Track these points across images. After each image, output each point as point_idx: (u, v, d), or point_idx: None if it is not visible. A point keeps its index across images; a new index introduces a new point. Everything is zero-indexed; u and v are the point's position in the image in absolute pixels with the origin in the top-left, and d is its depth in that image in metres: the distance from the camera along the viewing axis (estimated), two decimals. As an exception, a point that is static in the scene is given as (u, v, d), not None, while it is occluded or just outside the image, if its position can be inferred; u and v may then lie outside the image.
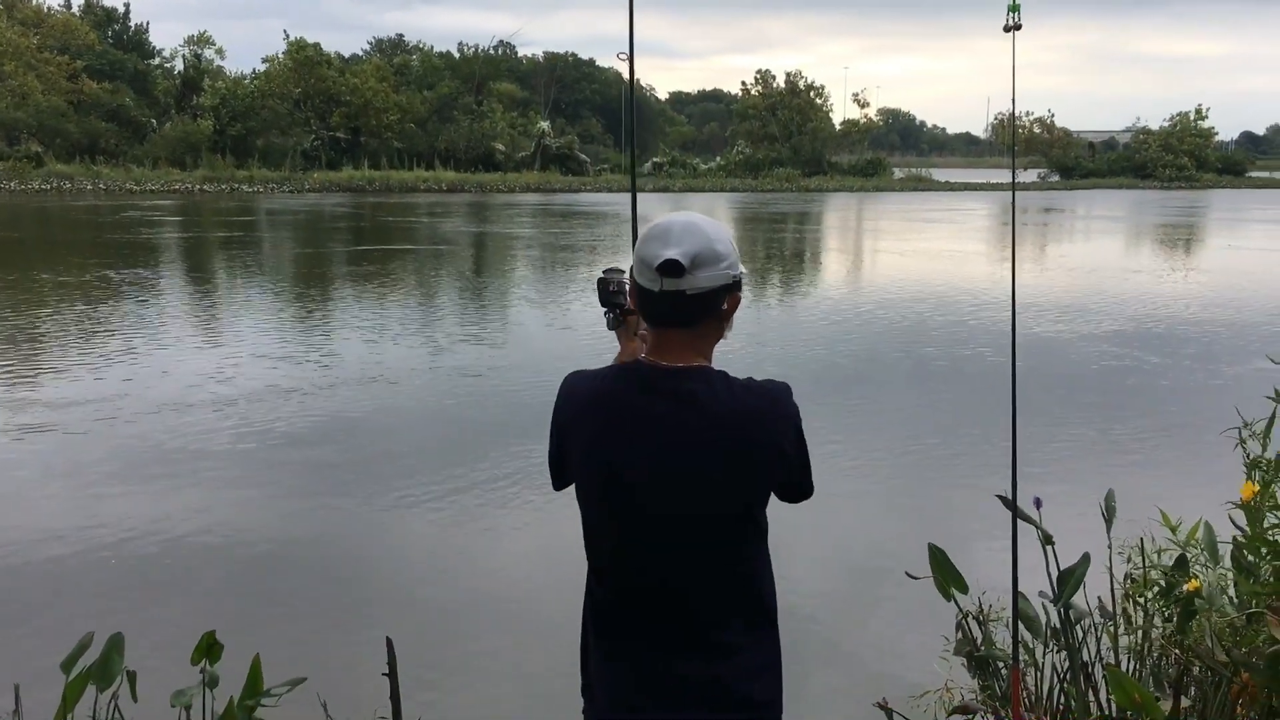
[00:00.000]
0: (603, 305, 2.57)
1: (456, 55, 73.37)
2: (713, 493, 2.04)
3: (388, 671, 3.00)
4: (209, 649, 2.86)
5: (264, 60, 63.64)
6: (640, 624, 2.10)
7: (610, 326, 2.59)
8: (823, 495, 6.88)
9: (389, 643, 3.00)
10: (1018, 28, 2.65)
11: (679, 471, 2.02)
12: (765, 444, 2.07)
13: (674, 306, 2.02)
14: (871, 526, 7.15)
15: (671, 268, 1.96)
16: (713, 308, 2.04)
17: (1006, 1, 2.69)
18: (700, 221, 2.04)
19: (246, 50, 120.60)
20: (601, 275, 2.58)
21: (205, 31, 63.28)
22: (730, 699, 2.07)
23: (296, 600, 5.86)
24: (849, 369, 12.09)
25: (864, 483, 7.95)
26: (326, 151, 58.38)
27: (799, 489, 2.20)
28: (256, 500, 7.41)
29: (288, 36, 63.81)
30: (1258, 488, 2.68)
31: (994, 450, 8.28)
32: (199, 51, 62.49)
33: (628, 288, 2.29)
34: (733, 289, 2.06)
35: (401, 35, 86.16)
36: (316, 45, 61.83)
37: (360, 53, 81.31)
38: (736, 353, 12.19)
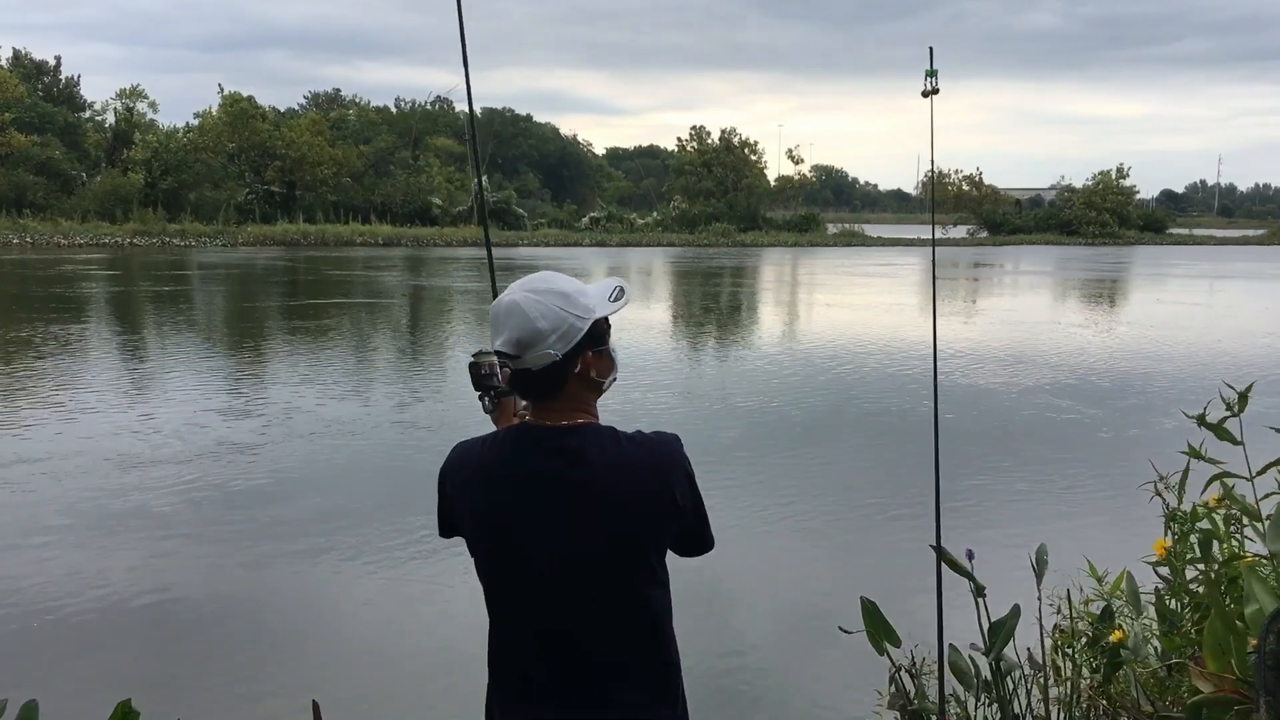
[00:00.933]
0: (476, 390, 2.58)
1: (394, 110, 73.47)
2: (606, 547, 2.04)
3: (316, 736, 2.93)
4: (124, 717, 2.78)
5: (196, 115, 63.20)
6: (538, 678, 2.09)
7: (486, 410, 2.60)
8: (759, 548, 6.92)
9: (315, 706, 2.94)
10: (935, 92, 2.74)
11: (570, 529, 2.03)
12: (656, 495, 2.07)
13: (528, 383, 2.07)
14: (808, 580, 7.17)
15: (503, 359, 2.03)
16: (565, 376, 2.06)
17: (917, 69, 2.79)
18: (521, 301, 2.03)
19: (181, 104, 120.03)
20: (472, 359, 2.59)
21: (138, 85, 62.48)
22: None
23: (223, 662, 5.73)
24: (791, 421, 12.16)
25: (800, 535, 7.99)
26: (261, 205, 57.90)
27: (698, 540, 2.19)
28: (183, 560, 7.24)
29: (222, 90, 63.45)
30: (1168, 544, 2.75)
31: (932, 502, 8.36)
32: (131, 105, 61.78)
33: (500, 368, 2.32)
34: (578, 351, 2.05)
35: (338, 90, 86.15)
36: (251, 99, 61.54)
37: (297, 107, 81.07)
38: (670, 407, 12.23)
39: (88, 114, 66.96)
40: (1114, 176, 77.18)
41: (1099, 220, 74.15)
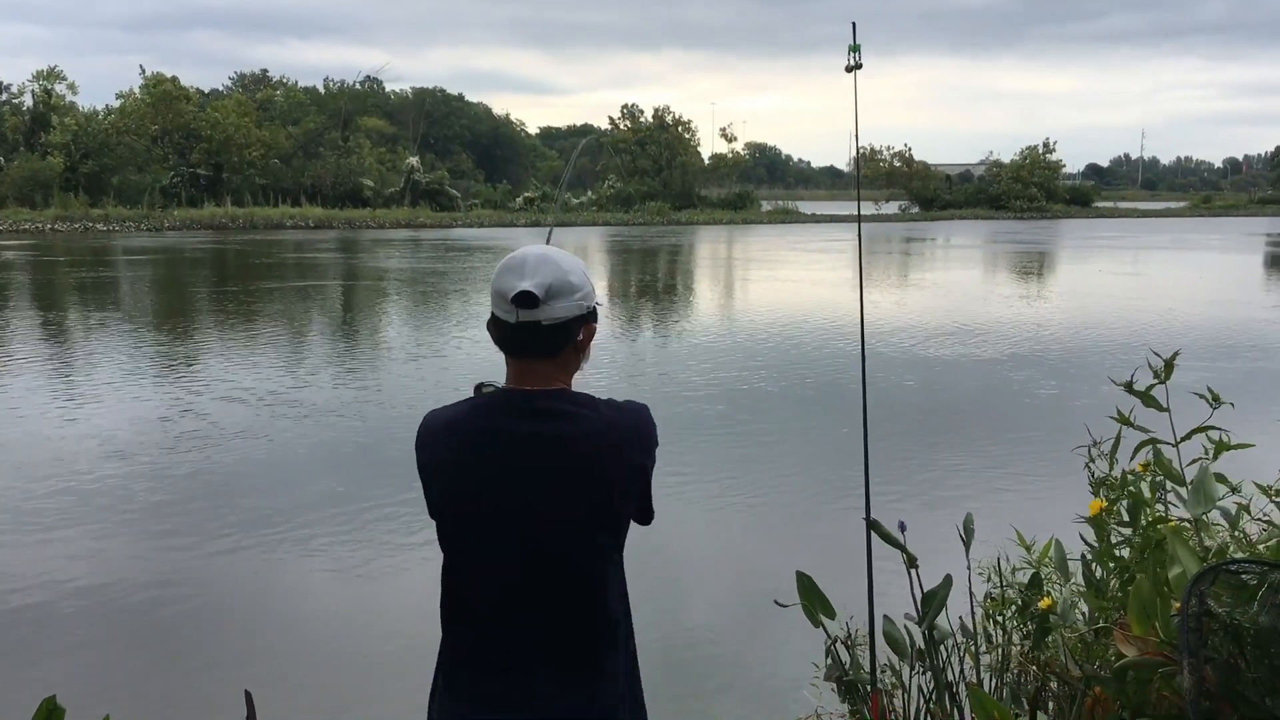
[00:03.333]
0: None
1: (322, 90, 72.25)
2: (583, 511, 2.04)
3: (247, 727, 2.87)
4: (49, 714, 2.70)
5: (118, 96, 61.66)
6: (506, 645, 2.06)
7: None
8: (707, 524, 6.93)
9: (248, 696, 2.88)
10: (858, 67, 2.74)
11: (548, 492, 2.01)
12: (632, 460, 2.08)
13: (530, 338, 2.03)
14: (756, 555, 7.22)
15: (526, 299, 1.98)
16: (569, 337, 2.06)
17: (857, 43, 2.77)
18: (554, 254, 2.06)
19: (104, 86, 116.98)
20: (478, 385, 2.58)
21: (56, 66, 60.72)
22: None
23: (151, 656, 5.62)
24: (737, 398, 12.21)
25: (743, 511, 8.03)
26: (187, 188, 56.72)
27: (647, 509, 2.18)
28: (107, 555, 7.09)
29: (144, 72, 61.92)
30: (1104, 504, 2.78)
31: (875, 475, 8.44)
32: (48, 87, 60.04)
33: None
34: (588, 319, 2.09)
35: (265, 70, 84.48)
36: (174, 80, 60.19)
37: (222, 88, 79.38)
38: (612, 385, 12.20)
39: (4, 97, 65.02)
40: (1041, 151, 78.45)
41: (1027, 195, 75.37)
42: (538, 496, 2.01)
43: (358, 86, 73.31)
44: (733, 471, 9.13)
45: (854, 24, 2.65)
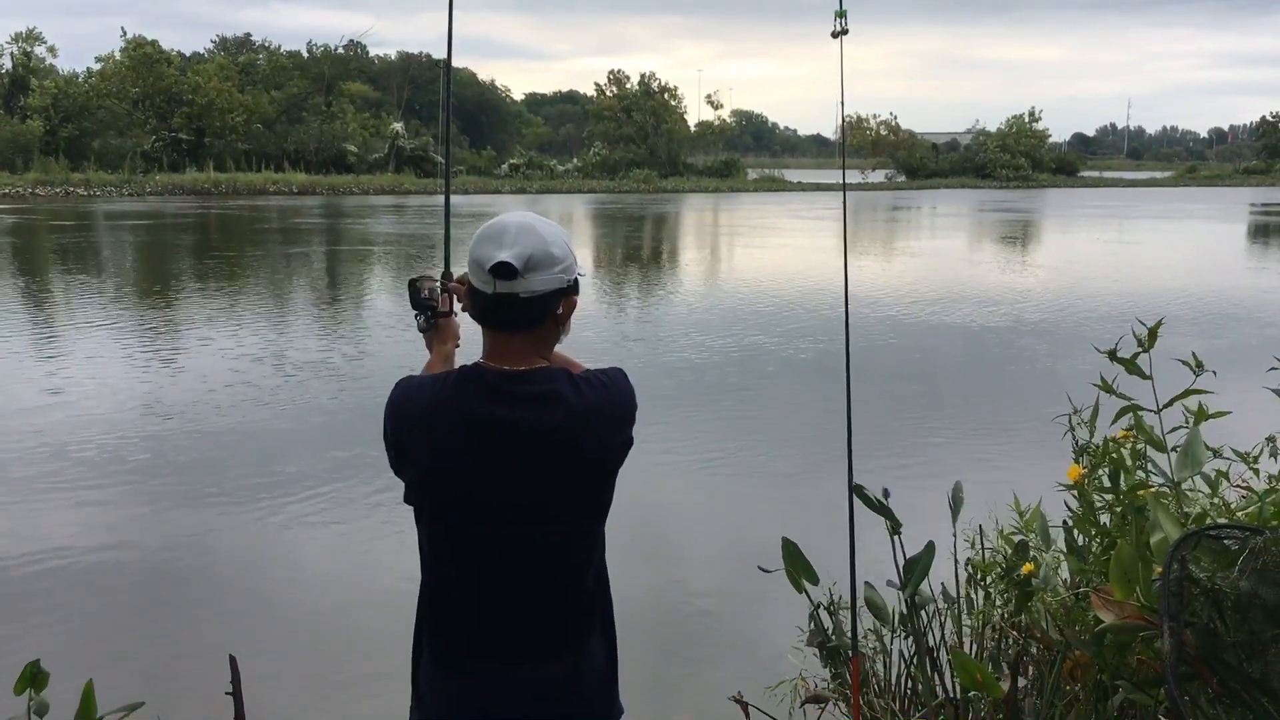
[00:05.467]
0: (414, 308, 2.53)
1: (305, 55, 71.50)
2: (565, 491, 2.02)
3: (231, 690, 2.88)
4: (34, 678, 2.70)
5: (98, 59, 60.91)
6: (479, 627, 2.06)
7: (421, 329, 2.55)
8: (693, 490, 6.93)
9: (232, 660, 2.89)
10: (845, 33, 2.72)
11: (530, 476, 1.98)
12: (615, 438, 2.06)
13: (508, 310, 1.97)
14: (738, 520, 7.25)
15: (504, 270, 1.91)
16: (548, 311, 2.00)
17: (843, 9, 2.76)
18: (535, 223, 1.99)
19: (84, 48, 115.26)
20: (412, 279, 2.55)
21: (35, 28, 59.90)
22: (572, 704, 2.06)
23: (135, 622, 5.62)
24: (726, 365, 12.22)
25: (733, 477, 8.06)
26: (168, 153, 56.15)
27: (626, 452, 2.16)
28: (91, 520, 7.07)
29: (125, 34, 61.13)
30: (1083, 470, 2.80)
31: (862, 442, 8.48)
32: (28, 49, 59.20)
33: (440, 293, 2.36)
34: (569, 292, 2.02)
35: (249, 34, 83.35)
36: (155, 43, 59.47)
37: (204, 51, 78.41)
38: (604, 351, 12.19)
39: (-19, 59, 64.12)
40: (1027, 120, 78.29)
41: (1013, 164, 75.27)
42: (516, 482, 1.98)
43: (341, 51, 72.53)
44: (722, 437, 9.15)
45: (841, -12, 2.63)
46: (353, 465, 8.09)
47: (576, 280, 2.04)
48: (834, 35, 2.72)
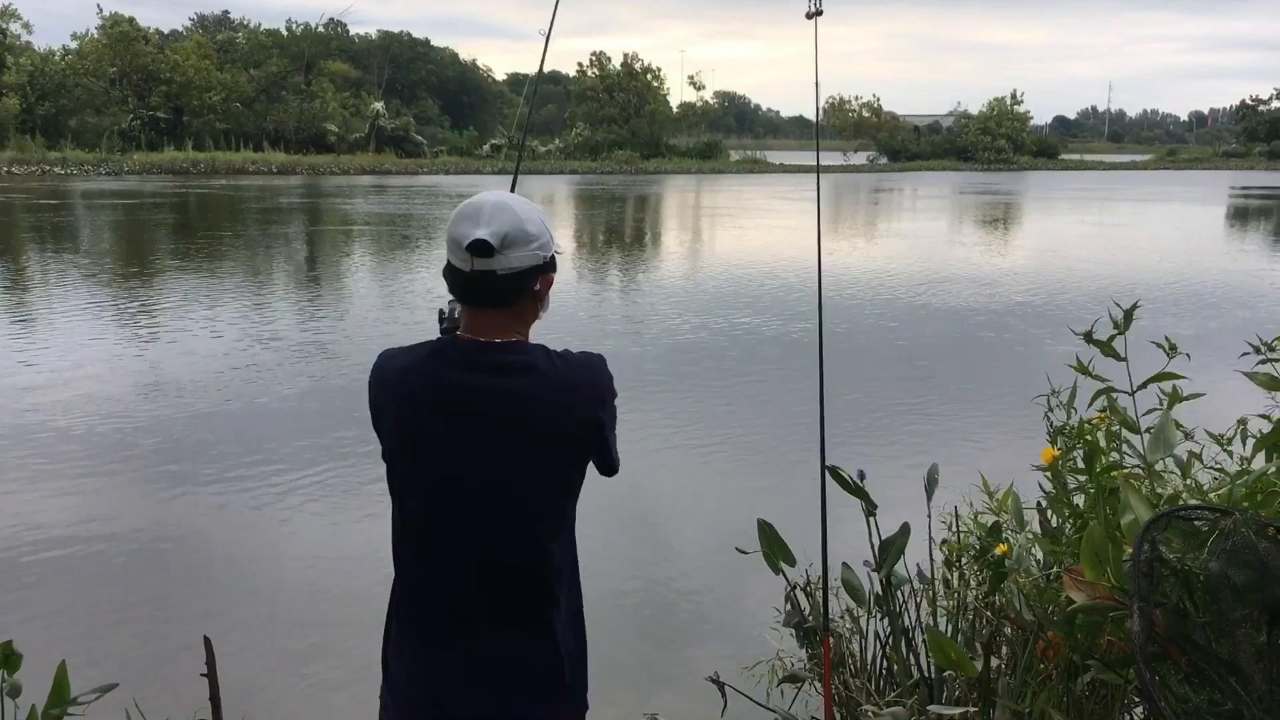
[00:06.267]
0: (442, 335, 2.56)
1: (285, 33, 70.91)
2: (535, 465, 2.02)
3: (206, 672, 2.88)
4: (6, 659, 2.69)
5: (75, 37, 60.27)
6: (450, 603, 2.06)
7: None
8: (675, 471, 6.92)
9: (207, 642, 2.89)
10: (819, 13, 2.72)
11: (500, 445, 1.99)
12: (587, 416, 2.06)
13: (486, 286, 2.00)
14: (719, 500, 7.28)
15: (481, 248, 1.94)
16: (525, 287, 2.02)
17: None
18: (511, 201, 2.02)
19: (62, 26, 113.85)
20: (441, 309, 2.57)
21: (10, 4, 59.06)
22: (539, 680, 2.07)
23: (110, 603, 5.59)
24: (716, 347, 12.23)
25: (714, 458, 8.08)
26: (146, 132, 55.68)
27: (611, 460, 2.17)
28: (65, 501, 7.02)
29: (101, 11, 60.44)
30: (1058, 451, 2.82)
31: (847, 423, 8.51)
32: (3, 26, 58.49)
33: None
34: (545, 269, 2.05)
35: (226, 12, 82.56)
36: (132, 20, 58.90)
37: (182, 29, 77.64)
38: (583, 334, 12.19)
39: (-44, 36, 63.34)
40: (1009, 103, 78.43)
41: (994, 146, 75.47)
42: (485, 451, 2.00)
43: (321, 29, 72.02)
44: (705, 418, 9.16)
45: (816, -31, 2.63)
46: (332, 448, 8.08)
47: (553, 257, 2.08)
48: (808, 16, 2.71)
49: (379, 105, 65.68)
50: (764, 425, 9.01)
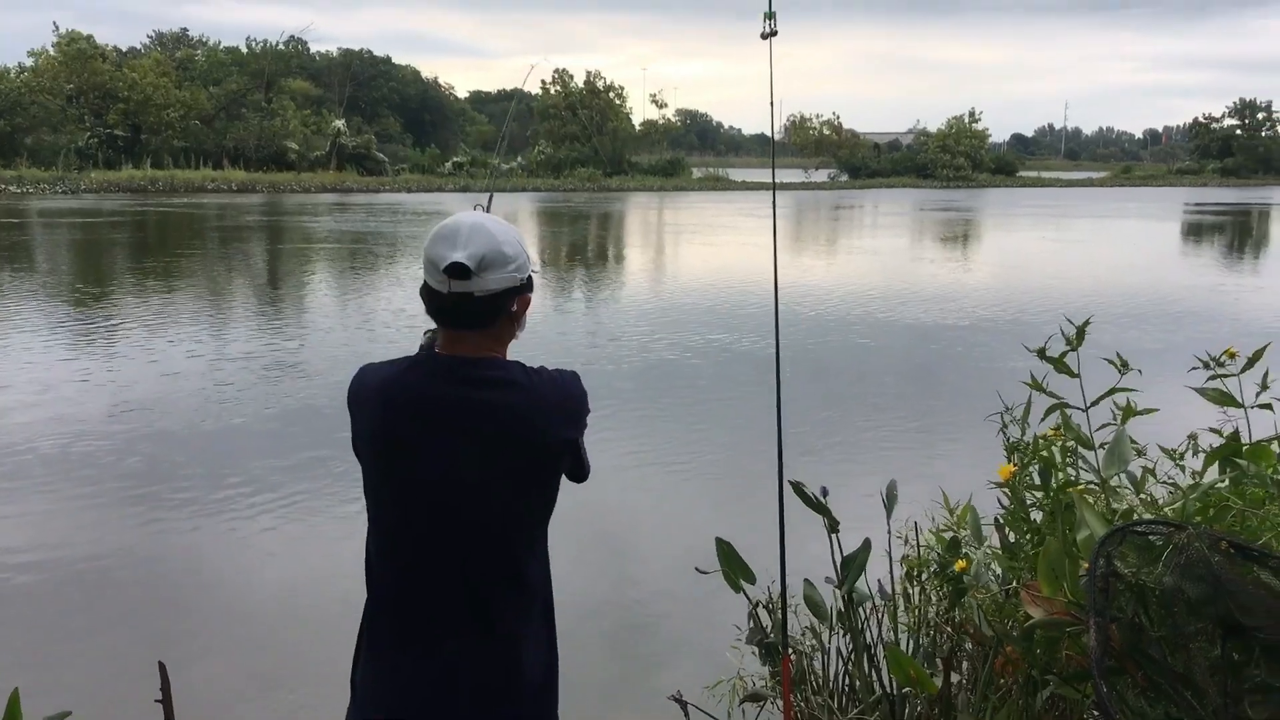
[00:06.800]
0: None
1: (245, 51, 70.47)
2: (511, 477, 2.03)
3: (161, 698, 2.84)
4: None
5: (31, 54, 59.58)
6: (428, 614, 2.06)
7: None
8: (636, 488, 6.90)
9: (162, 667, 2.84)
10: (774, 34, 2.74)
11: (477, 456, 2.00)
12: (562, 431, 2.08)
13: (463, 309, 2.01)
14: (682, 518, 7.26)
15: (458, 270, 1.95)
16: (502, 309, 2.04)
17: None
18: (488, 223, 2.03)
19: (18, 43, 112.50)
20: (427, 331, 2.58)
21: (-37, 22, 58.37)
22: (509, 689, 2.07)
23: (64, 627, 5.50)
24: (682, 363, 12.22)
25: (676, 475, 8.08)
26: (103, 150, 55.07)
27: (583, 469, 2.21)
28: (21, 524, 6.91)
29: (58, 29, 59.84)
30: (1014, 468, 2.84)
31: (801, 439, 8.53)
32: (-44, 43, 57.94)
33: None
34: (522, 290, 2.07)
35: (185, 29, 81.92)
36: (90, 38, 58.35)
37: (140, 47, 76.94)
38: (569, 347, 12.14)
39: (-92, 53, 62.54)
40: (967, 121, 79.24)
41: (953, 164, 76.16)
42: (461, 462, 2.00)
43: (281, 47, 71.60)
44: (673, 435, 9.16)
45: (770, -9, 2.65)
46: (296, 470, 7.99)
47: (530, 278, 2.10)
48: (763, 37, 2.73)
49: (340, 123, 65.35)
50: (732, 441, 9.02)
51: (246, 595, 5.94)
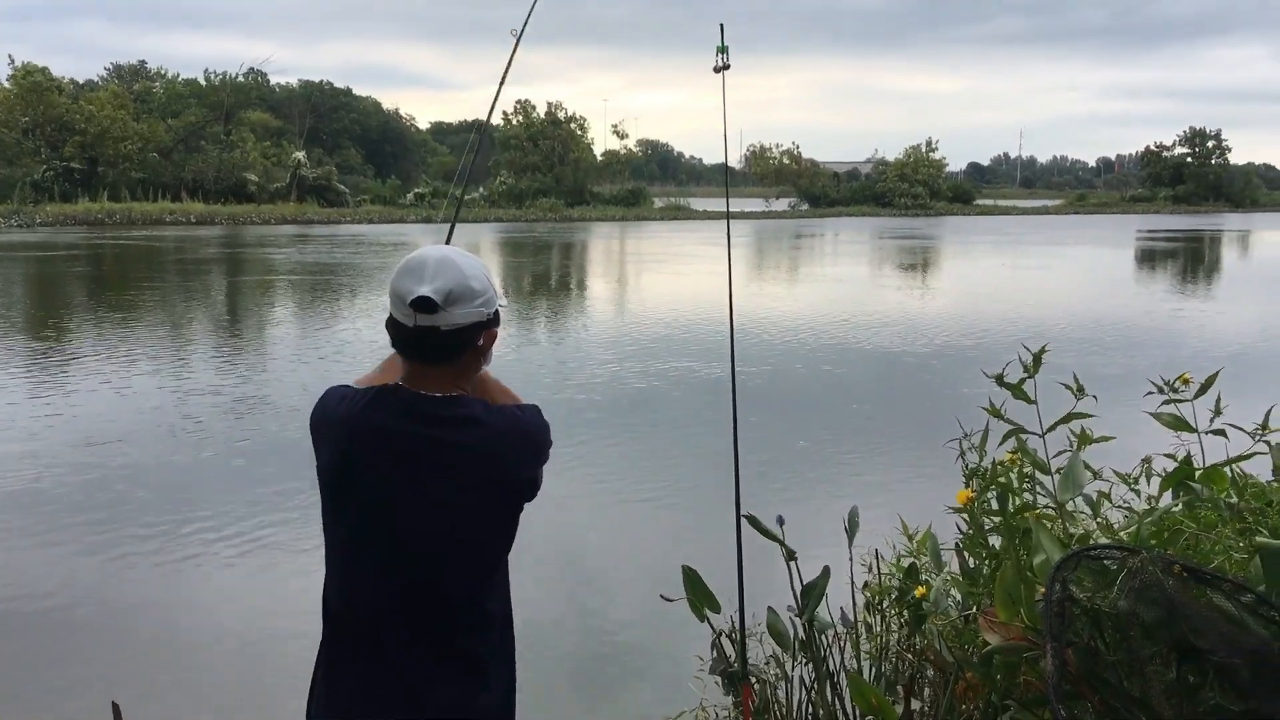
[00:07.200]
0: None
1: (203, 83, 70.18)
2: (472, 512, 2.03)
3: (115, 741, 2.78)
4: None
5: (-15, 87, 59.00)
6: (382, 640, 2.04)
7: None
8: (602, 518, 6.87)
9: (115, 708, 2.80)
10: (726, 68, 2.78)
11: (437, 492, 2.00)
12: (523, 470, 2.09)
13: (428, 342, 2.00)
14: (646, 548, 7.24)
15: (425, 304, 1.94)
16: (469, 343, 2.03)
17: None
18: (455, 256, 2.02)
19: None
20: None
21: (-84, 55, 57.75)
22: (466, 714, 2.05)
23: (14, 665, 5.39)
24: (642, 393, 12.22)
25: (641, 505, 8.06)
26: (60, 183, 54.51)
27: (536, 489, 2.20)
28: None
29: (13, 61, 59.28)
30: (972, 493, 2.86)
31: (761, 468, 8.54)
32: (-88, 77, 57.18)
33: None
34: (489, 324, 2.06)
35: (144, 61, 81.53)
36: (45, 70, 57.85)
37: (98, 79, 76.37)
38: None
39: None
40: (924, 150, 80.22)
41: (911, 193, 77.02)
42: (425, 498, 2.00)
43: (240, 79, 71.38)
44: (634, 463, 9.15)
45: (721, 25, 2.69)
46: (254, 506, 7.90)
47: (497, 312, 2.09)
48: (716, 70, 2.77)
49: (300, 154, 65.15)
50: (698, 468, 9.01)
51: (205, 632, 5.85)
